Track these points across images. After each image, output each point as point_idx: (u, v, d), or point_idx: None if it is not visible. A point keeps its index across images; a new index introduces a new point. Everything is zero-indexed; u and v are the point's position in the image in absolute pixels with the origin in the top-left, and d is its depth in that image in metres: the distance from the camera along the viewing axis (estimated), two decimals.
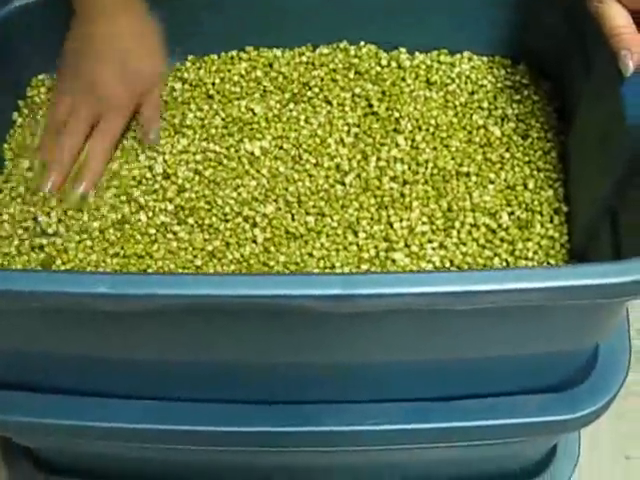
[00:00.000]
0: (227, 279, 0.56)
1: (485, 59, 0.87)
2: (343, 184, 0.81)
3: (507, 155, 0.81)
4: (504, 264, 0.76)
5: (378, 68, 0.87)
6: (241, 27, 0.87)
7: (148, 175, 0.82)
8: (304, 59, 0.88)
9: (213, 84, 0.87)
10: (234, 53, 0.89)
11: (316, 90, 0.86)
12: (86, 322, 0.62)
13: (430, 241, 0.77)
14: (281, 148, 0.83)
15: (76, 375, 0.69)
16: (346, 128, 0.84)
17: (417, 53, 0.87)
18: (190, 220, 0.79)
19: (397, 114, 0.84)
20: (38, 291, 0.57)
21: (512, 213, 0.78)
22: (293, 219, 0.79)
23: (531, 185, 0.79)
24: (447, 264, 0.76)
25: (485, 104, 0.84)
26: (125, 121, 0.83)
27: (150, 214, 0.80)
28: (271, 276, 0.62)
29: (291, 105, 0.85)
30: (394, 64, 0.87)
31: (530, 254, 0.76)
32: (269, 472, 0.84)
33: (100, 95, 0.81)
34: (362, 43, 0.87)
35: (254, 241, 0.78)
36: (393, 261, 0.76)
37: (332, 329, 0.61)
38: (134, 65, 0.82)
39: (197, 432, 0.70)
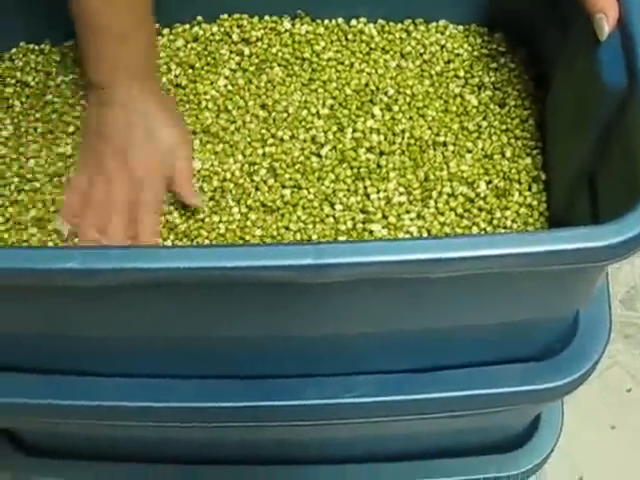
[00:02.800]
0: (197, 251, 0.55)
1: (461, 27, 0.86)
2: (319, 156, 0.80)
3: (484, 124, 0.80)
4: (482, 233, 0.75)
5: (350, 37, 0.86)
6: None
7: None
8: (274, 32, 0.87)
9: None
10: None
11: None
12: (58, 299, 0.61)
13: (407, 212, 0.76)
14: (255, 121, 0.82)
15: (47, 353, 0.67)
16: (321, 100, 0.83)
17: (392, 23, 0.86)
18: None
19: (372, 85, 0.83)
20: (7, 268, 0.56)
21: (490, 182, 0.78)
22: (269, 192, 0.78)
23: (509, 153, 0.79)
24: (425, 234, 0.75)
25: (461, 73, 0.83)
26: (163, 191, 0.79)
27: None
28: (244, 247, 0.61)
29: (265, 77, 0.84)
30: (368, 34, 0.86)
31: (508, 223, 0.76)
32: (249, 448, 0.83)
33: (135, 177, 0.77)
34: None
35: (230, 215, 0.77)
36: (370, 232, 0.76)
37: (308, 300, 0.60)
38: (164, 140, 0.78)
39: (173, 409, 0.69)
